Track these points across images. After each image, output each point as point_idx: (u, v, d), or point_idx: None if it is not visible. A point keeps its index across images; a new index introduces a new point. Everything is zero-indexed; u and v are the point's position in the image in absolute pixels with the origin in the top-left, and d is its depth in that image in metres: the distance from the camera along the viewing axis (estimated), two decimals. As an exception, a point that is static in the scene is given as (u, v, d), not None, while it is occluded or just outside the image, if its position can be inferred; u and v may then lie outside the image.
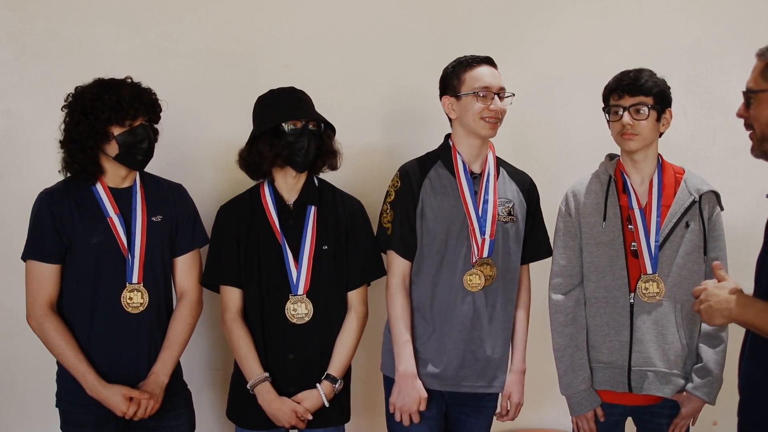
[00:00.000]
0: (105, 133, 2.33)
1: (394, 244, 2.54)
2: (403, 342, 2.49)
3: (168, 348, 2.44)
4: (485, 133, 2.50)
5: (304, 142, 2.45)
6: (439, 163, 2.57)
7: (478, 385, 2.53)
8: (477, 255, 2.49)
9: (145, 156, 2.40)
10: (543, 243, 2.65)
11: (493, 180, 2.56)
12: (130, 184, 2.46)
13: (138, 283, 2.40)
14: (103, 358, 2.37)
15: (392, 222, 2.54)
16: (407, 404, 2.47)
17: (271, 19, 3.00)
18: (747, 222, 3.26)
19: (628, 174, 2.54)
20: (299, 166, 2.49)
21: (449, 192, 2.53)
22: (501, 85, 2.50)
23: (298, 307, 2.48)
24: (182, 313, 2.49)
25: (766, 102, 1.83)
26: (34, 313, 2.37)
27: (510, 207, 2.57)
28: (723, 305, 1.88)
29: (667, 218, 2.49)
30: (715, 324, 1.96)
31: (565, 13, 3.26)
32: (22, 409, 2.86)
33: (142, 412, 2.35)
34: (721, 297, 1.89)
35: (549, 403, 2.98)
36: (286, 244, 2.50)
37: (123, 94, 2.32)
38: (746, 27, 3.24)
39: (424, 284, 2.53)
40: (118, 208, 2.41)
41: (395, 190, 2.56)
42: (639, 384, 2.47)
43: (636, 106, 2.44)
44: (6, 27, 2.79)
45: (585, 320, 2.53)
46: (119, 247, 2.39)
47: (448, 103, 2.54)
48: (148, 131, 2.39)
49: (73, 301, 2.39)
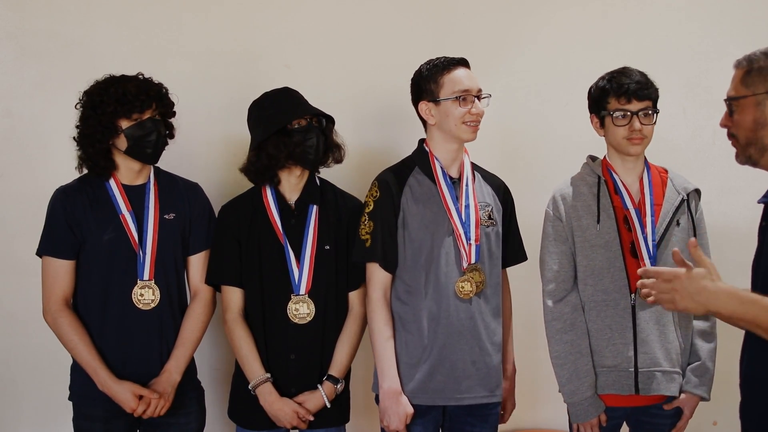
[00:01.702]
0: (113, 126, 2.35)
1: (375, 256, 2.44)
2: (386, 358, 2.42)
3: (181, 346, 2.46)
4: (468, 137, 2.45)
5: (313, 138, 2.45)
6: (417, 169, 2.51)
7: (482, 395, 2.46)
8: (466, 261, 2.45)
9: (154, 149, 2.41)
10: (520, 247, 2.63)
11: (472, 183, 2.52)
12: (144, 182, 2.48)
13: (149, 279, 2.41)
14: (115, 354, 2.39)
15: (371, 233, 2.45)
16: (394, 423, 2.40)
17: (271, 19, 3.00)
18: (747, 222, 3.25)
19: (618, 174, 2.53)
20: (311, 163, 2.49)
21: (431, 199, 2.47)
22: (479, 86, 2.46)
23: (300, 306, 2.48)
24: (196, 311, 2.50)
25: (748, 108, 1.86)
26: (49, 308, 2.39)
27: (489, 210, 2.53)
28: (702, 295, 1.77)
29: (660, 217, 2.49)
30: (686, 311, 1.85)
31: (564, 14, 3.26)
32: (22, 409, 2.86)
33: (151, 411, 2.36)
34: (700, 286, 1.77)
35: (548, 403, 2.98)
36: (287, 244, 2.50)
37: (129, 87, 2.34)
38: (746, 27, 3.24)
39: (416, 297, 2.44)
40: (131, 205, 2.43)
41: (374, 200, 2.47)
42: (647, 385, 2.44)
43: (644, 110, 2.44)
44: (6, 27, 2.79)
45: (585, 325, 2.50)
46: (131, 243, 2.41)
47: (425, 108, 2.47)
48: (158, 125, 2.40)
49: (86, 297, 2.41)
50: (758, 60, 1.86)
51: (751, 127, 1.86)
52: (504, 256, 2.57)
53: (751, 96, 1.85)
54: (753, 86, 1.86)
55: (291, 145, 2.44)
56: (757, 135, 1.86)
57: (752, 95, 1.85)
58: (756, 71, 1.86)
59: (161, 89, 2.43)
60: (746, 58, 1.89)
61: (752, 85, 1.86)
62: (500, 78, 2.95)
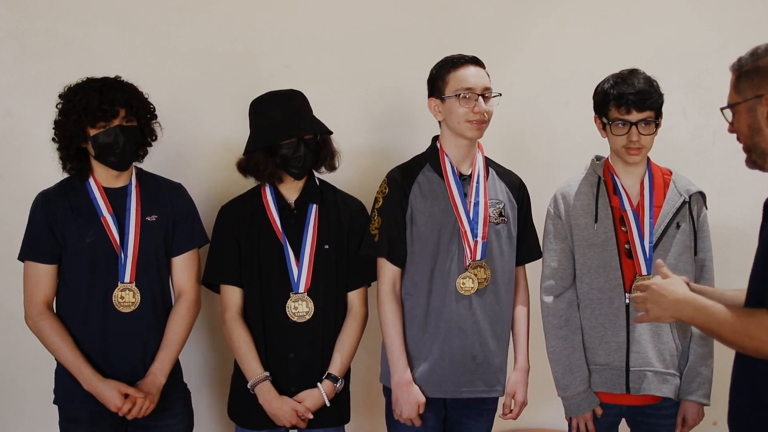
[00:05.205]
0: (82, 133, 2.34)
1: (383, 251, 2.50)
2: (396, 350, 2.46)
3: (165, 348, 2.44)
4: (471, 135, 2.47)
5: (300, 155, 2.46)
6: (428, 166, 2.54)
7: (480, 390, 2.51)
8: (470, 258, 2.47)
9: (119, 158, 2.37)
10: (535, 245, 2.63)
11: (483, 181, 2.54)
12: (125, 184, 2.46)
13: (130, 282, 2.40)
14: (97, 357, 2.38)
15: (380, 229, 2.50)
16: (406, 412, 2.44)
17: (271, 19, 3.00)
18: (747, 222, 3.27)
19: (618, 175, 2.53)
20: (297, 176, 2.51)
21: (439, 195, 2.50)
22: (486, 85, 2.46)
23: (299, 305, 2.48)
24: (180, 313, 2.49)
25: (742, 114, 1.81)
26: (30, 312, 2.39)
27: (501, 208, 2.54)
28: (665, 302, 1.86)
29: (659, 219, 2.49)
30: (659, 320, 1.95)
31: (564, 13, 3.26)
32: (22, 408, 2.86)
33: (137, 410, 2.35)
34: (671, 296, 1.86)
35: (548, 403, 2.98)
36: (287, 242, 2.50)
37: (92, 96, 2.30)
38: (746, 27, 3.24)
39: (420, 291, 2.49)
40: (112, 208, 2.41)
41: (383, 197, 2.52)
42: (637, 384, 2.46)
43: (645, 120, 2.43)
44: (6, 27, 2.79)
45: (579, 321, 2.52)
46: (112, 246, 2.39)
47: (433, 105, 2.52)
48: (127, 132, 2.36)
49: (68, 300, 2.41)
50: (746, 63, 1.80)
51: (748, 134, 1.81)
52: (519, 254, 2.59)
53: (743, 102, 1.80)
54: (743, 92, 1.80)
55: (278, 157, 2.45)
56: (754, 141, 1.80)
57: (743, 101, 1.79)
58: (745, 76, 1.80)
59: (132, 95, 2.37)
60: (737, 62, 1.84)
61: (742, 91, 1.80)
62: (500, 77, 2.95)
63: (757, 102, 1.77)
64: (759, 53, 1.79)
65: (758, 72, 1.77)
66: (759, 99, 1.76)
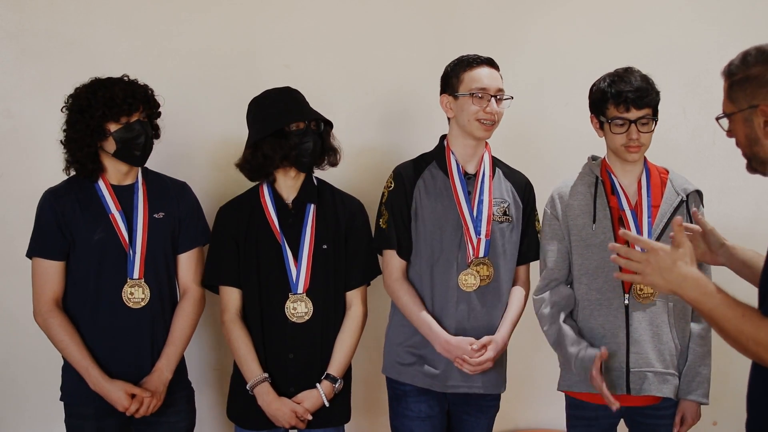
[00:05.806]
0: (102, 130, 2.36)
1: (391, 244, 2.54)
2: (427, 325, 2.47)
3: (172, 344, 2.46)
4: (479, 134, 2.51)
5: (310, 142, 2.47)
6: (434, 163, 2.58)
7: (477, 385, 2.52)
8: (473, 255, 2.49)
9: (142, 152, 2.42)
10: (536, 245, 2.64)
11: (489, 180, 2.56)
12: (133, 182, 2.48)
13: (139, 278, 2.42)
14: (106, 353, 2.39)
15: (388, 222, 2.56)
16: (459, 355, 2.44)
17: (271, 19, 3.01)
18: (747, 222, 3.27)
19: (616, 175, 2.53)
20: (305, 166, 2.51)
21: (443, 193, 2.54)
22: (499, 86, 2.50)
23: (298, 305, 2.48)
24: (185, 310, 2.51)
25: (739, 123, 1.76)
26: (39, 310, 2.40)
27: (505, 207, 2.57)
28: (672, 274, 1.71)
29: (657, 218, 2.49)
30: (652, 287, 1.80)
31: (564, 13, 3.26)
32: (22, 408, 2.86)
33: (144, 409, 2.37)
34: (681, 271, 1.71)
35: (549, 403, 2.98)
36: (285, 243, 2.50)
37: (116, 90, 2.35)
38: (746, 27, 3.24)
39: (421, 287, 2.54)
40: (120, 205, 2.43)
41: (388, 191, 2.58)
42: (638, 385, 2.45)
43: (643, 118, 2.43)
44: (6, 27, 2.80)
45: (570, 305, 2.50)
46: (121, 243, 2.41)
47: (446, 101, 2.55)
48: (145, 127, 2.41)
49: (77, 296, 2.42)
50: (737, 71, 1.74)
51: (746, 143, 1.76)
52: (521, 253, 2.61)
53: (738, 112, 1.75)
54: (737, 101, 1.74)
55: (287, 147, 2.45)
56: (753, 150, 1.75)
57: (739, 111, 1.74)
58: (737, 84, 1.74)
59: (147, 91, 2.43)
60: (727, 68, 1.78)
61: (737, 101, 1.74)
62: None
63: (753, 112, 1.72)
64: (749, 60, 1.73)
65: (750, 81, 1.72)
66: (754, 110, 1.71)
